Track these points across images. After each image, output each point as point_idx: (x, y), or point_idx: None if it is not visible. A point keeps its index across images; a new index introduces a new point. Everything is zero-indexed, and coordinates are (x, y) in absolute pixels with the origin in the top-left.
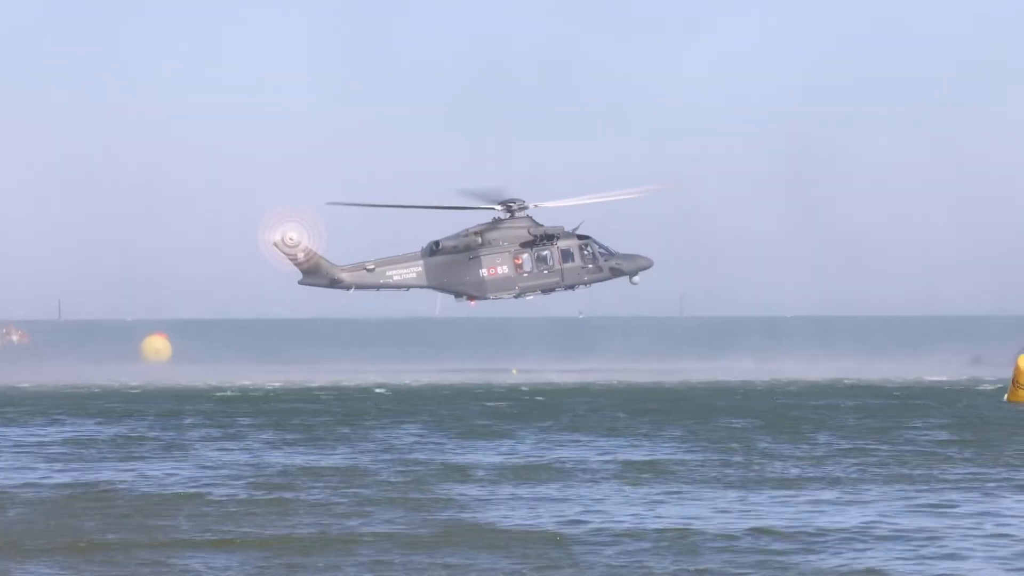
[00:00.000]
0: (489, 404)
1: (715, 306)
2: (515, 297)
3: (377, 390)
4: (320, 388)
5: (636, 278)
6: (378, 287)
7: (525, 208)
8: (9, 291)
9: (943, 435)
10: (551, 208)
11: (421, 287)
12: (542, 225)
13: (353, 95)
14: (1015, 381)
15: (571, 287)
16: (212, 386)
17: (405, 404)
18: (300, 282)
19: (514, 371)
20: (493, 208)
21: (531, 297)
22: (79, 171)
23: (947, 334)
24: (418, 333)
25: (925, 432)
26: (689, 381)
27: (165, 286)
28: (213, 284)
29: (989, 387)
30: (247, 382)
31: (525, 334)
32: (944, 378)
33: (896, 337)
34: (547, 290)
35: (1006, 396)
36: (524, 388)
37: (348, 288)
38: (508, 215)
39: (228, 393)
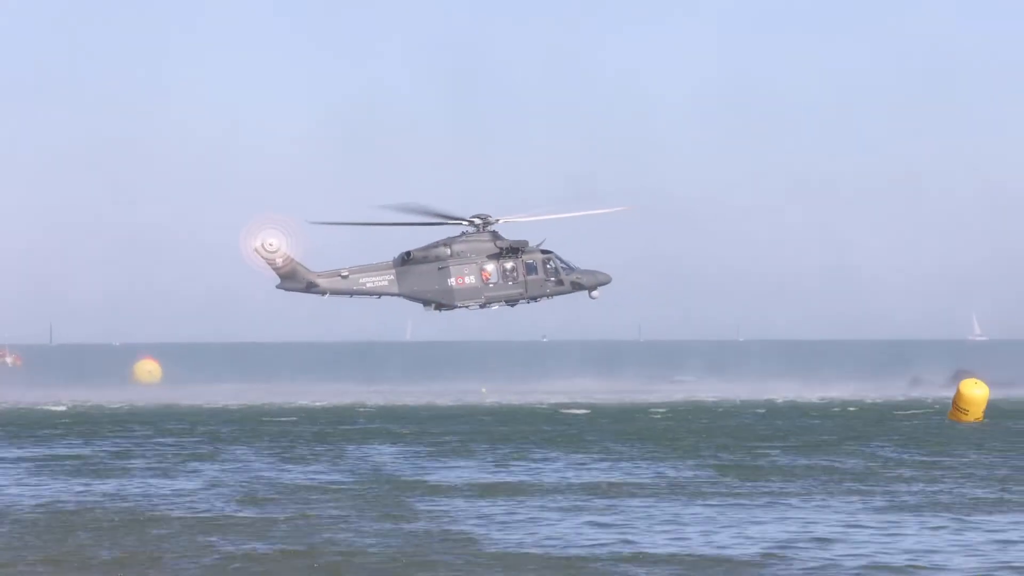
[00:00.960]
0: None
1: (670, 330)
2: (481, 306)
3: (361, 409)
4: (300, 408)
5: (595, 292)
6: (352, 293)
7: (492, 223)
8: (2, 316)
9: (916, 453)
10: (517, 223)
11: (392, 295)
12: (508, 239)
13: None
14: (956, 405)
15: (534, 298)
16: (203, 406)
17: (405, 424)
18: (278, 286)
19: (483, 390)
20: (462, 222)
21: (496, 307)
22: (75, 205)
23: (886, 357)
24: (388, 355)
25: (898, 449)
26: (646, 401)
27: (150, 312)
28: (197, 309)
29: (930, 408)
30: (234, 402)
31: (493, 356)
32: (891, 397)
33: (840, 359)
34: (511, 300)
35: (948, 416)
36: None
37: (323, 293)
38: (476, 229)
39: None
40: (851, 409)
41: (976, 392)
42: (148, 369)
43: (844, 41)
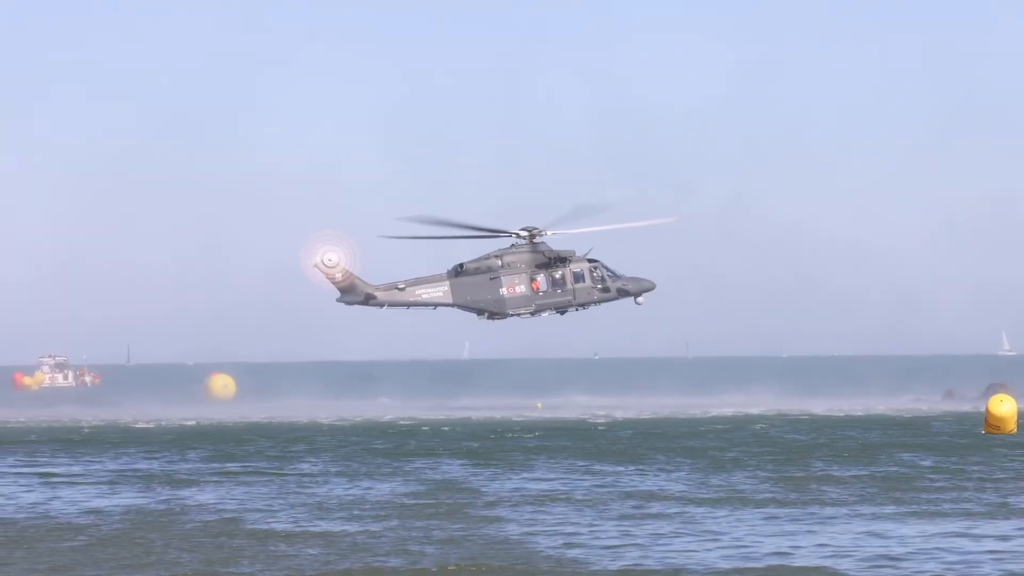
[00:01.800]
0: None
1: (718, 346)
2: (531, 314)
3: (444, 428)
4: (368, 423)
5: (640, 299)
6: (408, 304)
7: (541, 234)
8: (83, 338)
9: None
10: (564, 235)
11: (447, 305)
12: (555, 250)
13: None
14: (987, 421)
15: (582, 306)
16: (278, 421)
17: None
18: (338, 300)
19: (539, 405)
20: (513, 235)
21: (546, 315)
22: (152, 230)
23: (919, 372)
24: (444, 373)
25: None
26: (701, 416)
27: (222, 332)
28: (269, 328)
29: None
30: (304, 417)
31: (549, 373)
32: (925, 409)
33: (875, 374)
34: (561, 308)
35: (983, 430)
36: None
37: (381, 305)
38: (526, 241)
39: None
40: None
41: (1004, 409)
42: (223, 383)
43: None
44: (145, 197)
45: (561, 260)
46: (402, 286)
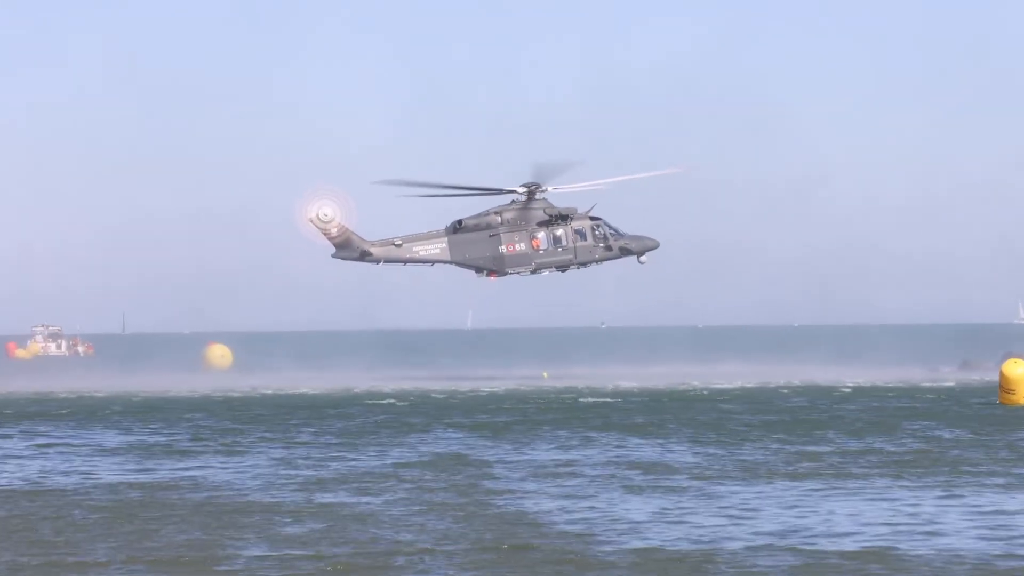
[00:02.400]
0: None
1: (727, 316)
2: (531, 272)
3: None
4: (369, 393)
5: (643, 258)
6: (404, 261)
7: (542, 191)
8: (77, 307)
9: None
10: (566, 191)
11: (444, 262)
12: (557, 207)
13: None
14: (1003, 387)
15: (583, 264)
16: (275, 392)
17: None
18: (333, 256)
19: (544, 375)
20: (513, 191)
21: (547, 273)
22: (143, 193)
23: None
24: (448, 344)
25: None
26: (701, 386)
27: (220, 300)
28: (267, 298)
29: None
30: (305, 389)
31: (555, 342)
32: (944, 382)
33: (893, 344)
34: (561, 267)
35: (999, 400)
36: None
37: (377, 262)
38: (526, 197)
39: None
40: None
41: (1019, 371)
42: (220, 353)
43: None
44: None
45: (562, 217)
46: (399, 242)
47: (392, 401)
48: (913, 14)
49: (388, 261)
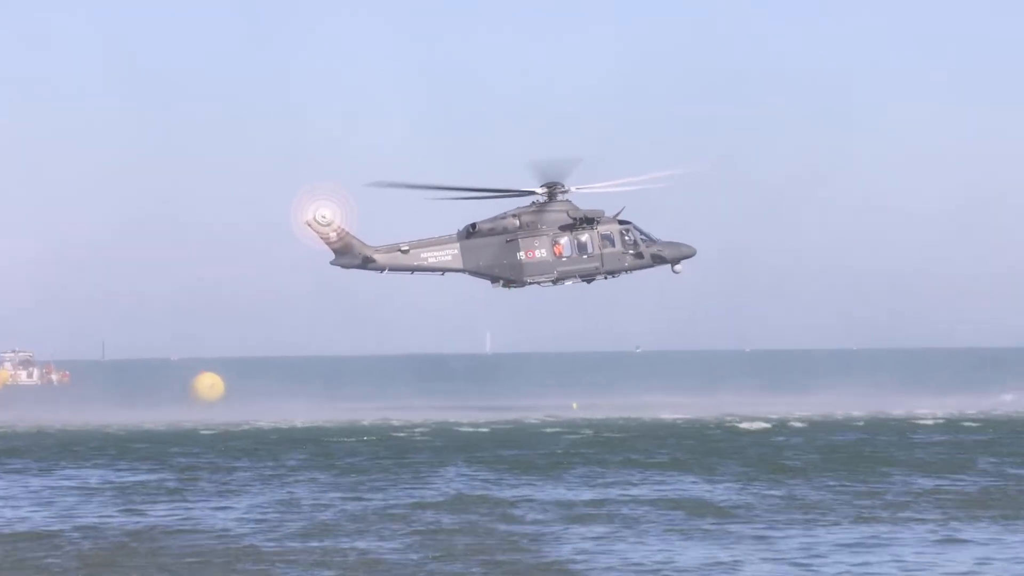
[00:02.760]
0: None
1: (777, 339)
2: (553, 282)
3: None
4: (373, 426)
5: (678, 267)
6: (412, 270)
7: (565, 191)
8: (53, 332)
9: None
10: (592, 192)
11: (456, 270)
12: (582, 209)
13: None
14: None
15: (611, 274)
16: (272, 425)
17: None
18: (332, 262)
19: (574, 405)
20: (533, 192)
21: (570, 283)
22: (131, 210)
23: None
24: (471, 370)
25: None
26: (751, 416)
27: (211, 323)
28: (259, 320)
29: None
30: (305, 421)
31: (584, 367)
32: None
33: (963, 369)
34: (587, 276)
35: None
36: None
37: (381, 270)
38: (547, 198)
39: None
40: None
41: None
42: (209, 383)
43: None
44: (122, 170)
45: (588, 221)
46: (405, 248)
47: (403, 434)
48: None
49: (393, 269)
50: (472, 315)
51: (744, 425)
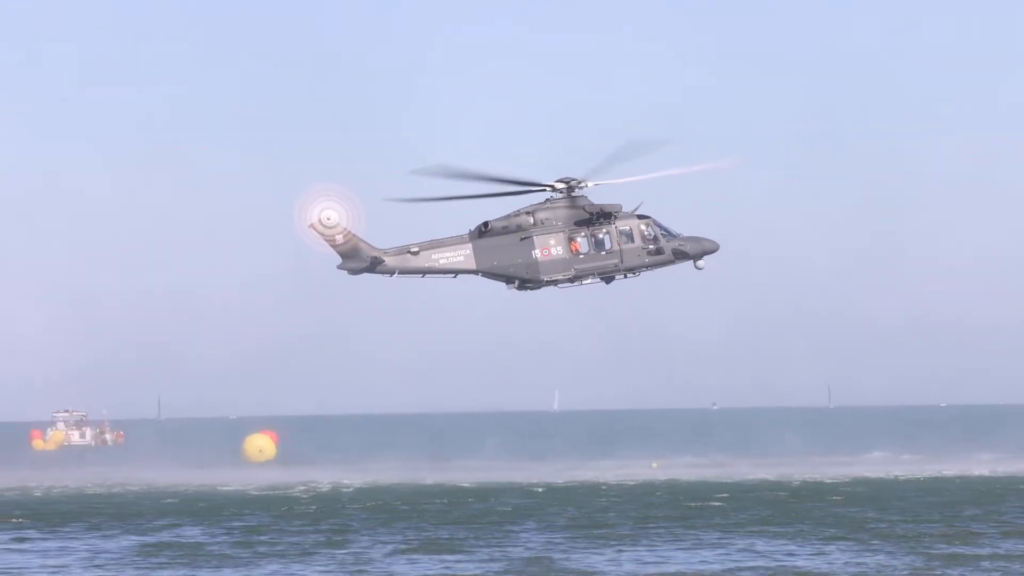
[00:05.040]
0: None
1: (862, 396)
2: (571, 281)
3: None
4: (461, 488)
5: (701, 262)
6: (423, 272)
7: (581, 186)
8: (107, 390)
9: None
10: (609, 186)
11: (470, 272)
12: (598, 204)
13: None
14: None
15: (631, 271)
16: (325, 487)
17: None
18: (339, 266)
19: (653, 464)
20: (547, 188)
21: (589, 282)
22: (177, 268)
23: None
24: (537, 427)
25: None
26: (847, 476)
27: (272, 382)
28: (322, 379)
29: None
30: (351, 482)
31: (659, 426)
32: None
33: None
34: (605, 274)
35: None
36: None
37: (391, 273)
38: (563, 194)
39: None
40: None
41: None
42: (259, 446)
43: None
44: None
45: (605, 216)
46: (415, 249)
47: (470, 499)
48: None
49: (403, 272)
50: (542, 373)
51: None
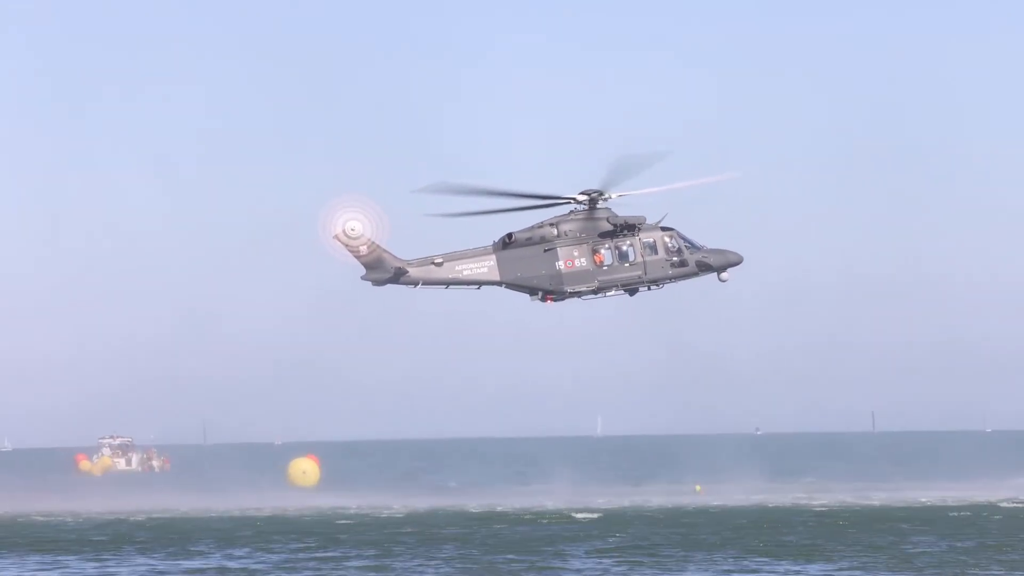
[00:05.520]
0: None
1: (908, 420)
2: (594, 293)
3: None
4: (499, 513)
5: (725, 275)
6: (447, 283)
7: (604, 198)
8: (154, 415)
9: None
10: (632, 198)
11: (493, 283)
12: (622, 216)
13: None
14: None
15: (655, 283)
16: (367, 512)
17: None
18: (363, 277)
19: (697, 488)
20: (571, 200)
21: (613, 293)
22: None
23: None
24: (578, 451)
25: None
26: (894, 502)
27: (317, 407)
28: (372, 403)
29: None
30: (395, 506)
31: (702, 450)
32: None
33: None
34: (629, 286)
35: None
36: None
37: (415, 284)
38: (586, 206)
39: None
40: None
41: None
42: (303, 469)
43: None
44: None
45: (629, 228)
46: (439, 260)
47: (504, 525)
48: None
49: (427, 283)
50: (584, 398)
51: None
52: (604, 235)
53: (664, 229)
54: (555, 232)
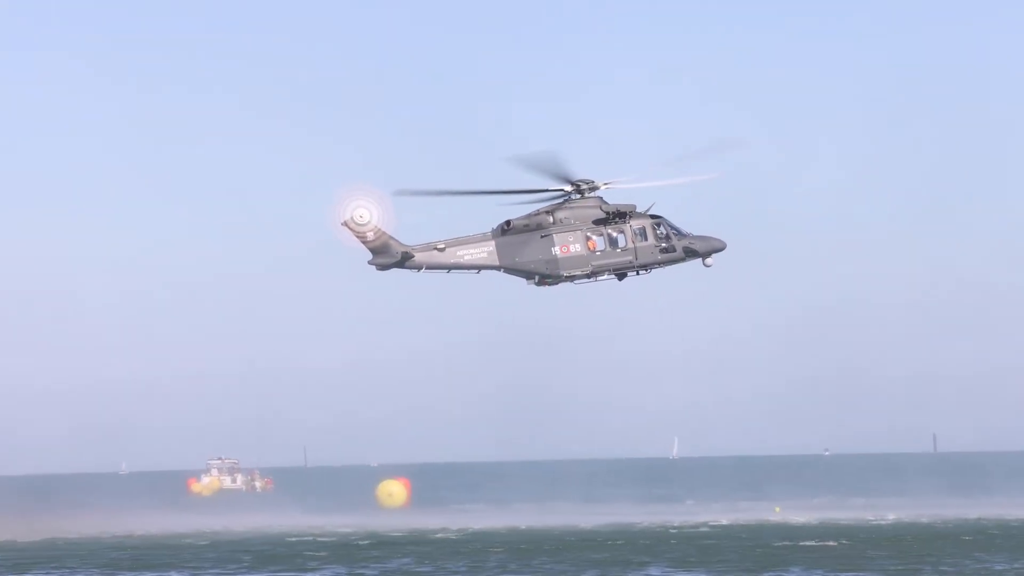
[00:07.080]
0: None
1: (970, 442)
2: (588, 276)
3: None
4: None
5: (709, 260)
6: (449, 268)
7: (596, 188)
8: (259, 439)
9: None
10: (621, 189)
11: (492, 267)
12: (614, 204)
13: None
14: None
15: (644, 267)
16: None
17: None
18: (370, 262)
19: (776, 509)
20: (564, 189)
21: (605, 277)
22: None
23: None
24: (657, 473)
25: None
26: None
27: (411, 431)
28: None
29: None
30: (478, 526)
31: (775, 472)
32: None
33: None
34: (620, 270)
35: None
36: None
37: (419, 268)
38: (579, 195)
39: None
40: None
41: None
42: (389, 492)
43: None
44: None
45: (620, 215)
46: (442, 246)
47: (580, 547)
48: None
49: (431, 267)
50: (660, 421)
51: None
52: (597, 222)
53: (653, 217)
54: (551, 219)
